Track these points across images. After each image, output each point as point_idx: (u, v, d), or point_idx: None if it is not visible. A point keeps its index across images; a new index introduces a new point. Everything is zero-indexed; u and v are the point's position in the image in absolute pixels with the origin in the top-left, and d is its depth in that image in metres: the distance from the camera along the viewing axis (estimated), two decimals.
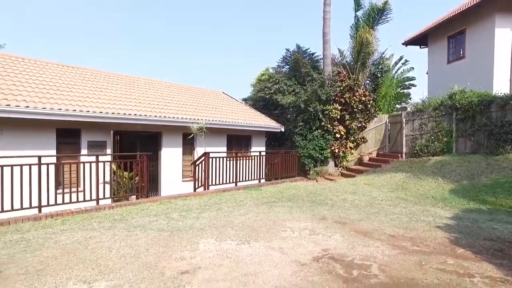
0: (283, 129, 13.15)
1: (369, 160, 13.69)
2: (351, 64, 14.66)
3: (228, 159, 9.70)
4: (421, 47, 17.81)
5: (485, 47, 12.79)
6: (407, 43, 17.56)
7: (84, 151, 8.39)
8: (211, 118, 10.78)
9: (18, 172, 5.73)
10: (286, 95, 12.99)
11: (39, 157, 5.91)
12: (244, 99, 17.41)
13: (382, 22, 13.76)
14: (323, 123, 12.69)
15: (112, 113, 8.26)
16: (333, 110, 12.62)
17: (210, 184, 9.00)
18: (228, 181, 9.54)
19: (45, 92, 8.00)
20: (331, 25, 13.19)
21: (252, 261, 3.77)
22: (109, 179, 7.53)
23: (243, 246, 4.29)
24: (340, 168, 13.60)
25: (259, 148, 13.15)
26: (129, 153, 8.30)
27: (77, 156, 7.84)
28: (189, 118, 9.97)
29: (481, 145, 10.38)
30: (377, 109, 14.35)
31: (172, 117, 9.55)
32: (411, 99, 19.30)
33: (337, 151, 13.01)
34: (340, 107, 12.89)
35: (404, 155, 12.71)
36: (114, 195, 7.53)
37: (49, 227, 5.26)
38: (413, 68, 19.33)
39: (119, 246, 4.29)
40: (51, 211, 6.00)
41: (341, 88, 12.94)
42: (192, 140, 10.70)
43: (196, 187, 9.34)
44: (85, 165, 6.73)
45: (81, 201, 6.54)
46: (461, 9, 13.58)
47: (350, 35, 14.48)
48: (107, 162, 7.31)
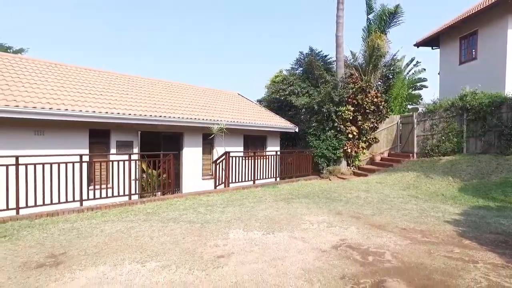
0: (297, 130, 13.60)
1: (381, 160, 14.02)
2: (363, 66, 14.99)
3: (246, 158, 10.24)
4: (433, 48, 17.97)
5: (497, 48, 12.95)
6: (419, 44, 17.75)
7: (113, 150, 9.03)
8: (230, 119, 11.32)
9: (63, 169, 6.37)
10: (300, 96, 13.44)
11: (80, 156, 6.54)
12: (259, 100, 17.92)
13: (394, 25, 14.08)
14: (336, 124, 13.10)
15: (139, 114, 8.87)
16: (346, 111, 13.01)
17: (230, 182, 9.54)
18: (246, 179, 10.08)
19: (79, 96, 8.66)
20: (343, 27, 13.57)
21: (278, 248, 4.28)
22: (138, 176, 8.14)
23: (268, 236, 4.80)
24: (352, 168, 13.98)
25: (274, 147, 13.65)
26: (156, 152, 8.87)
27: (109, 155, 8.48)
28: (209, 119, 10.53)
29: (491, 145, 10.63)
30: (388, 110, 14.66)
31: (194, 118, 10.13)
32: (422, 99, 19.50)
33: (349, 151, 13.40)
34: (353, 108, 13.27)
35: (415, 155, 13.01)
36: (143, 191, 8.13)
37: (92, 218, 5.87)
38: (424, 69, 19.53)
39: (158, 235, 4.85)
40: (90, 204, 6.62)
41: (354, 90, 13.31)
42: (210, 140, 11.26)
43: (217, 184, 9.91)
44: (119, 163, 7.34)
45: (115, 195, 7.16)
46: (474, 11, 13.75)
47: (362, 38, 14.83)
48: (137, 161, 7.91)
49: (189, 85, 14.49)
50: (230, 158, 9.58)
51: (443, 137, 11.93)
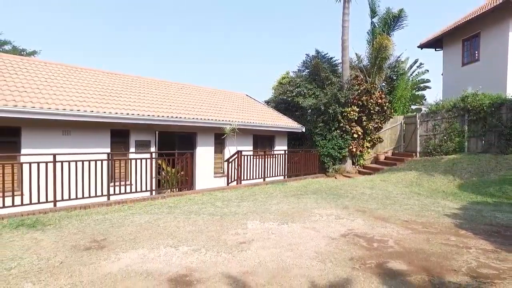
0: (303, 130, 14.11)
1: (385, 159, 14.50)
2: (367, 67, 15.46)
3: (256, 157, 10.79)
4: (436, 49, 18.38)
5: (499, 50, 13.34)
6: (422, 45, 18.16)
7: (132, 149, 9.61)
8: (240, 119, 11.85)
9: (93, 166, 6.96)
10: (307, 97, 13.95)
11: (108, 154, 7.13)
12: (266, 101, 18.45)
13: (398, 28, 14.54)
14: (341, 124, 13.61)
15: (157, 116, 9.44)
16: (351, 112, 13.50)
17: (242, 179, 10.10)
18: (257, 177, 10.64)
19: (101, 98, 9.25)
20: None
21: (293, 236, 4.81)
22: (158, 173, 8.71)
23: (283, 226, 5.34)
24: (357, 166, 14.48)
25: (281, 147, 14.18)
26: (172, 151, 9.44)
27: (130, 154, 9.07)
28: (221, 120, 11.09)
29: (491, 145, 11.07)
30: (392, 111, 15.12)
31: (207, 119, 10.69)
32: (426, 100, 19.91)
33: (354, 150, 13.89)
34: (358, 109, 13.75)
35: (418, 154, 13.48)
36: (163, 187, 8.71)
37: (120, 211, 6.45)
38: (427, 71, 19.96)
39: (183, 225, 5.41)
40: (116, 199, 7.21)
41: (359, 91, 13.79)
42: (221, 140, 11.82)
43: (229, 181, 10.47)
44: (142, 161, 7.91)
45: (138, 191, 7.73)
46: (476, 14, 14.13)
47: (367, 40, 15.30)
48: (157, 159, 8.48)
49: (200, 87, 15.06)
50: (242, 157, 10.14)
51: (445, 137, 12.38)
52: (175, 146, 10.82)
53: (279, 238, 4.72)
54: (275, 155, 11.79)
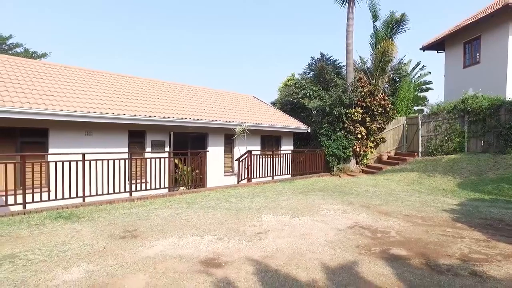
0: (309, 130, 14.63)
1: (388, 159, 14.99)
2: (371, 69, 15.94)
3: (265, 156, 11.33)
4: (438, 51, 18.85)
5: (499, 54, 13.76)
6: (424, 48, 18.61)
7: (148, 149, 10.17)
8: (249, 120, 12.39)
9: (117, 164, 7.52)
10: (312, 99, 14.46)
11: (130, 153, 7.69)
12: (273, 102, 18.98)
13: (400, 32, 14.99)
14: (346, 125, 14.11)
15: (172, 117, 9.99)
16: (355, 113, 13.99)
17: (252, 177, 10.65)
18: (266, 175, 11.18)
19: (120, 101, 9.81)
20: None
21: (304, 227, 5.34)
22: (174, 171, 9.27)
23: (294, 219, 5.87)
24: (361, 166, 14.97)
25: (287, 147, 14.71)
26: (185, 151, 9.98)
27: (146, 153, 9.63)
28: (231, 121, 11.63)
29: (490, 145, 11.54)
30: (395, 112, 15.60)
31: (218, 120, 11.24)
32: (428, 101, 20.34)
33: (358, 150, 14.39)
34: (362, 110, 14.23)
35: (420, 154, 13.96)
36: (177, 185, 9.26)
37: (143, 206, 7.00)
38: (429, 73, 20.40)
39: (204, 218, 5.95)
40: (137, 195, 7.76)
41: (362, 93, 14.28)
42: (230, 140, 12.37)
43: (240, 179, 11.01)
44: (160, 160, 8.46)
45: (158, 188, 8.28)
46: (477, 18, 14.54)
47: (370, 44, 15.77)
48: (172, 158, 9.03)
49: (209, 89, 15.61)
50: (252, 156, 10.68)
51: (446, 137, 12.86)
52: (187, 146, 11.37)
53: (292, 229, 5.25)
54: (283, 155, 12.32)
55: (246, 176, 10.87)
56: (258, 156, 10.98)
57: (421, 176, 10.96)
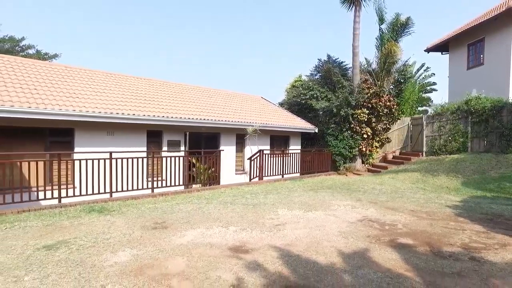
0: (316, 130, 15.10)
1: (393, 158, 15.43)
2: (376, 71, 16.35)
3: (275, 155, 11.82)
4: (443, 53, 19.19)
5: (502, 56, 14.11)
6: (429, 49, 18.97)
7: (164, 148, 10.69)
8: (259, 121, 12.88)
9: (140, 162, 8.05)
10: (320, 100, 14.93)
11: (152, 152, 8.22)
12: (280, 103, 19.45)
13: (405, 34, 15.42)
14: (352, 125, 14.57)
15: (188, 118, 10.50)
16: (361, 114, 14.44)
17: (263, 175, 11.15)
18: (276, 174, 11.68)
19: (138, 102, 10.35)
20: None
21: (318, 220, 5.82)
22: (189, 169, 9.78)
23: (308, 213, 6.35)
24: (366, 165, 15.42)
25: (295, 146, 15.19)
26: (200, 150, 10.49)
27: (163, 152, 10.15)
28: (243, 121, 12.13)
29: (493, 145, 11.94)
30: (400, 112, 16.03)
31: (230, 120, 11.75)
32: (432, 102, 20.71)
33: (364, 149, 14.84)
34: (368, 111, 14.67)
35: (424, 154, 14.38)
36: (195, 182, 9.78)
37: (166, 201, 7.51)
38: (434, 74, 20.78)
39: (224, 212, 6.44)
40: (158, 191, 8.28)
41: (368, 94, 14.72)
42: (241, 139, 12.87)
43: (252, 177, 11.52)
44: (178, 158, 8.98)
45: (176, 185, 8.80)
46: (481, 21, 14.89)
47: (376, 46, 16.19)
48: (189, 157, 9.55)
49: (219, 90, 16.13)
50: (264, 155, 11.18)
51: (449, 138, 13.26)
52: (201, 145, 11.88)
53: (306, 222, 5.73)
54: (292, 154, 12.81)
55: (257, 175, 11.37)
56: (269, 155, 11.47)
57: (425, 175, 11.39)
